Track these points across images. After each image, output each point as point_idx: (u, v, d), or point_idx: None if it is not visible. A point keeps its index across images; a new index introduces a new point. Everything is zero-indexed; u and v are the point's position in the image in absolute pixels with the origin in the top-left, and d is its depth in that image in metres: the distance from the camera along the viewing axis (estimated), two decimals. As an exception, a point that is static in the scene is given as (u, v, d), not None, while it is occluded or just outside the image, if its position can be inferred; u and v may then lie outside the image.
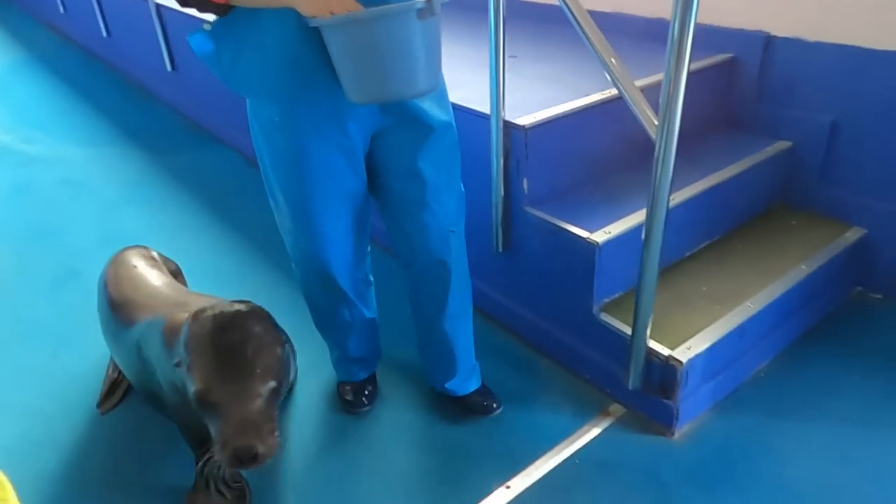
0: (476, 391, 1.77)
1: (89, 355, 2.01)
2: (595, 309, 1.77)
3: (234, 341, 1.23)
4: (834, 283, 2.06)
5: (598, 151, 1.99)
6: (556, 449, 1.64)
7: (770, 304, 1.80)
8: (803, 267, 1.92)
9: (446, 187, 1.50)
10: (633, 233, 1.75)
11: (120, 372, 1.85)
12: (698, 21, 2.43)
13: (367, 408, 1.80)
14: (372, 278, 1.73)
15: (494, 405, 1.75)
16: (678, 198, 1.91)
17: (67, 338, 2.10)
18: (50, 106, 4.24)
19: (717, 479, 1.55)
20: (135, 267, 1.79)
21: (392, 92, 1.22)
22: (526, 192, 1.84)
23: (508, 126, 1.79)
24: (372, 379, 1.87)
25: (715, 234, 2.08)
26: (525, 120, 1.78)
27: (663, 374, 1.64)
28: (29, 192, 3.09)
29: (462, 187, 1.56)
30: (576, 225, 1.75)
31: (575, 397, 1.81)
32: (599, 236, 1.70)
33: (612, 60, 1.45)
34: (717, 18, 2.26)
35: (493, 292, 2.07)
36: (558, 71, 2.21)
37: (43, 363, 2.00)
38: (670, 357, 1.61)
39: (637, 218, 1.77)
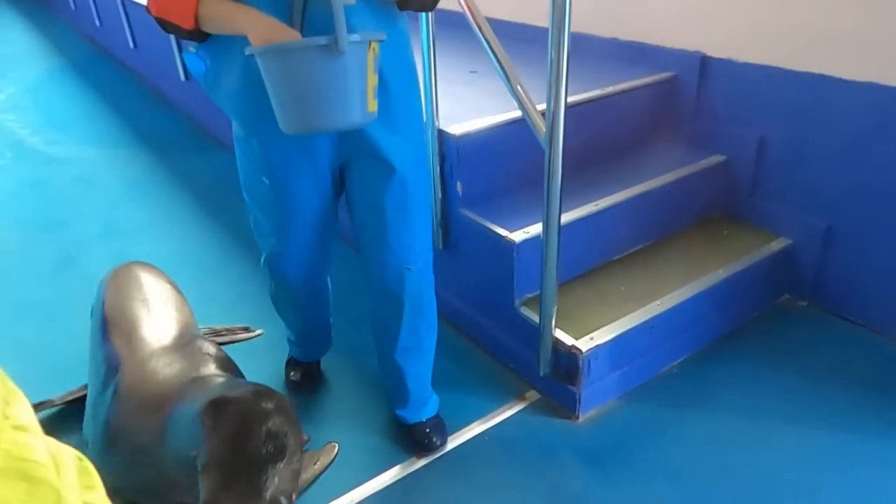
0: (424, 422, 1.77)
1: (77, 334, 2.25)
2: (516, 303, 1.93)
3: (254, 456, 1.11)
4: (758, 289, 2.19)
5: (530, 160, 2.15)
6: (469, 427, 1.81)
7: (681, 304, 1.94)
8: (720, 272, 2.05)
9: (406, 225, 1.52)
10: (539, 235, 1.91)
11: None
12: (644, 41, 2.63)
13: (309, 389, 1.97)
14: (330, 284, 1.82)
15: (437, 441, 1.73)
16: (608, 202, 2.07)
17: (60, 317, 2.35)
18: (76, 110, 4.59)
19: (609, 457, 1.70)
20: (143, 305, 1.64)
21: (307, 124, 1.21)
22: (460, 194, 2.02)
23: (443, 134, 1.98)
24: (317, 364, 2.03)
25: (646, 240, 2.23)
26: (457, 129, 1.96)
27: (568, 363, 1.80)
28: (44, 187, 3.39)
29: (428, 225, 1.60)
30: (499, 225, 1.92)
31: (497, 383, 1.97)
32: (518, 236, 1.87)
33: (511, 75, 1.61)
34: (660, 39, 2.42)
35: (437, 287, 2.25)
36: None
37: (35, 339, 2.25)
38: (573, 347, 1.77)
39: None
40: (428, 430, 1.76)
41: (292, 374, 2.00)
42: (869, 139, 1.95)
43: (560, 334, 1.80)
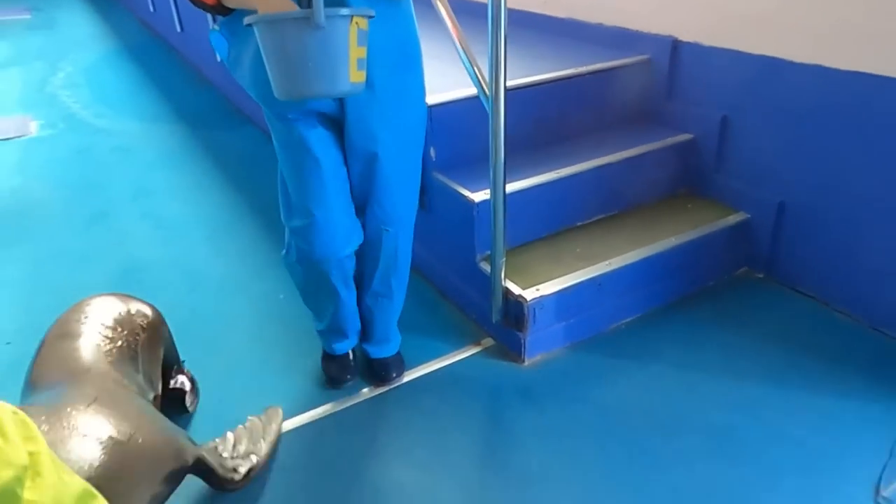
0: (385, 358, 1.96)
1: (100, 272, 2.57)
2: (477, 258, 2.13)
3: None
4: (714, 259, 2.32)
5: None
6: (426, 364, 2.02)
7: (629, 266, 2.10)
8: (672, 240, 2.20)
9: (387, 192, 1.68)
10: (511, 195, 2.10)
11: None
12: (626, 26, 2.81)
13: (350, 381, 1.95)
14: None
15: (394, 375, 1.93)
16: (570, 171, 2.24)
17: (89, 260, 2.67)
18: (124, 88, 4.98)
19: (545, 394, 1.89)
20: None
21: (296, 90, 1.33)
22: (433, 159, 2.23)
23: (419, 104, 2.18)
24: (350, 360, 1.99)
25: (610, 210, 2.39)
26: (431, 99, 2.17)
27: (516, 311, 1.99)
28: (87, 155, 3.75)
29: (413, 193, 1.76)
30: (464, 187, 2.12)
31: (458, 330, 2.18)
32: (478, 196, 2.06)
33: (465, 48, 1.81)
34: (636, 23, 2.57)
35: (414, 243, 2.47)
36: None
37: (65, 279, 2.57)
38: (520, 296, 1.96)
39: (516, 185, 2.13)
40: (388, 365, 1.97)
41: (328, 368, 1.98)
42: (817, 119, 2.07)
43: (510, 285, 2.00)
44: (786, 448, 1.67)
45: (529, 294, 1.96)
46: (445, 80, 2.34)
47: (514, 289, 1.99)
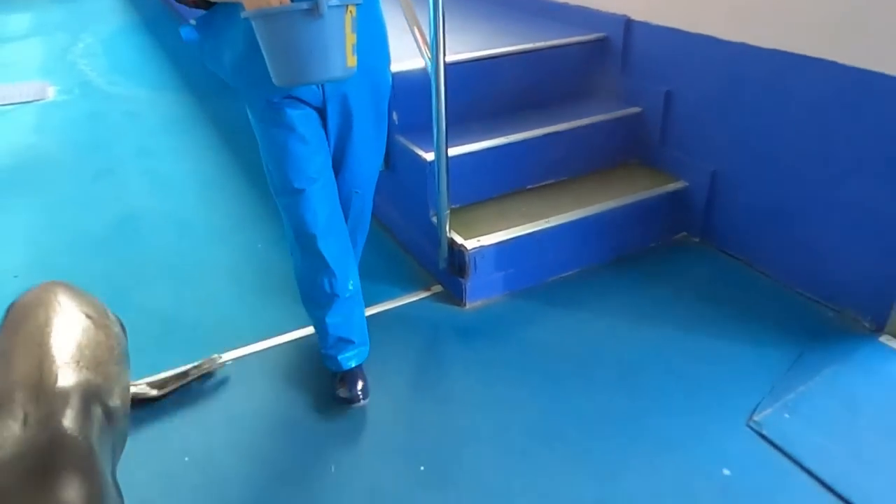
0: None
1: (101, 219, 2.84)
2: (430, 213, 2.35)
3: None
4: (653, 223, 2.52)
5: (465, 98, 2.55)
6: (378, 305, 2.26)
7: (568, 224, 2.31)
8: (611, 203, 2.40)
9: (356, 158, 1.80)
10: (461, 157, 2.32)
11: None
12: (582, 4, 3.00)
13: (365, 401, 1.85)
14: (352, 250, 1.90)
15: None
16: (521, 136, 2.45)
17: (92, 209, 2.95)
18: (138, 58, 5.26)
19: (478, 334, 2.12)
20: None
21: (296, 78, 1.40)
22: (396, 123, 2.45)
23: (383, 72, 2.40)
24: (360, 371, 1.90)
25: (560, 175, 2.59)
26: (395, 67, 2.37)
27: (459, 259, 2.21)
28: (98, 118, 4.03)
29: (379, 157, 1.90)
30: (419, 148, 2.34)
31: (412, 278, 2.41)
32: (430, 156, 2.28)
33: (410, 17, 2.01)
34: (596, 3, 2.76)
35: (380, 201, 2.70)
36: (470, 36, 2.79)
37: (69, 224, 2.84)
38: (462, 245, 2.18)
39: (469, 147, 2.34)
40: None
41: (340, 391, 1.88)
42: (743, 94, 2.25)
43: (455, 236, 2.22)
44: (679, 383, 1.88)
45: (471, 244, 2.18)
46: (410, 49, 2.55)
47: (458, 239, 2.21)
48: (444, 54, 1.94)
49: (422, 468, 1.65)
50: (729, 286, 2.30)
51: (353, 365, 1.89)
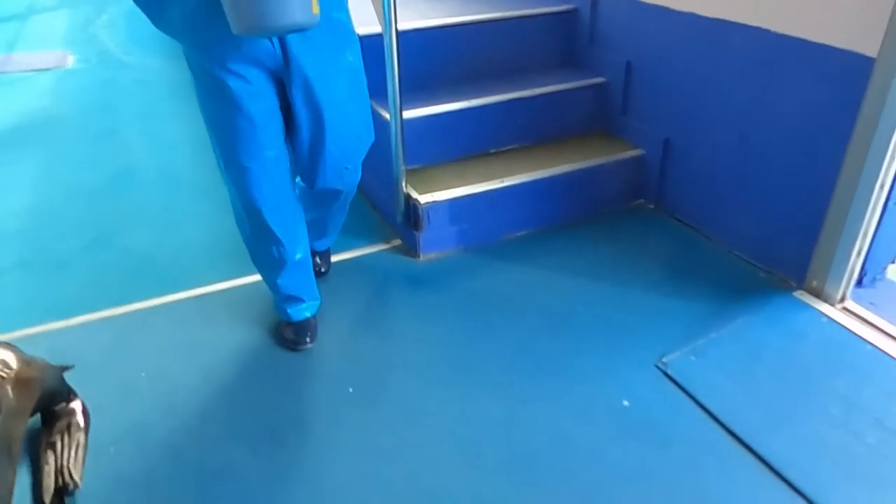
0: (320, 252, 2.24)
1: (98, 173, 3.06)
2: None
3: None
4: (610, 189, 2.63)
5: (435, 64, 2.68)
6: (340, 255, 2.42)
7: (521, 185, 2.44)
8: (565, 167, 2.52)
9: (341, 129, 1.70)
10: (423, 118, 2.46)
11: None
12: None
13: (307, 347, 1.94)
14: (303, 217, 1.90)
15: (322, 269, 2.23)
16: (484, 101, 2.57)
17: (91, 164, 3.17)
18: (154, 29, 5.48)
19: (427, 282, 2.27)
20: None
21: (256, 22, 1.34)
22: (366, 86, 2.59)
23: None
24: (313, 322, 1.98)
25: (523, 141, 2.71)
26: (363, 30, 2.52)
27: (414, 213, 2.36)
28: (110, 85, 4.27)
29: (368, 128, 1.84)
30: (385, 109, 2.48)
31: (376, 232, 2.57)
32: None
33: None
34: (567, -23, 2.86)
35: (355, 164, 2.86)
36: (446, 4, 2.92)
37: (70, 176, 3.07)
38: (416, 199, 2.33)
39: (432, 110, 2.48)
40: (318, 260, 2.25)
41: (287, 333, 1.97)
42: (690, 63, 2.34)
43: (411, 191, 2.37)
44: (603, 329, 2.01)
45: (424, 199, 2.32)
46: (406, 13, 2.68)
47: (414, 194, 2.35)
48: (396, 19, 2.07)
49: (350, 390, 1.82)
50: (673, 249, 2.41)
51: (305, 317, 1.97)
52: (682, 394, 1.74)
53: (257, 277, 2.29)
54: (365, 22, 2.57)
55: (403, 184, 2.35)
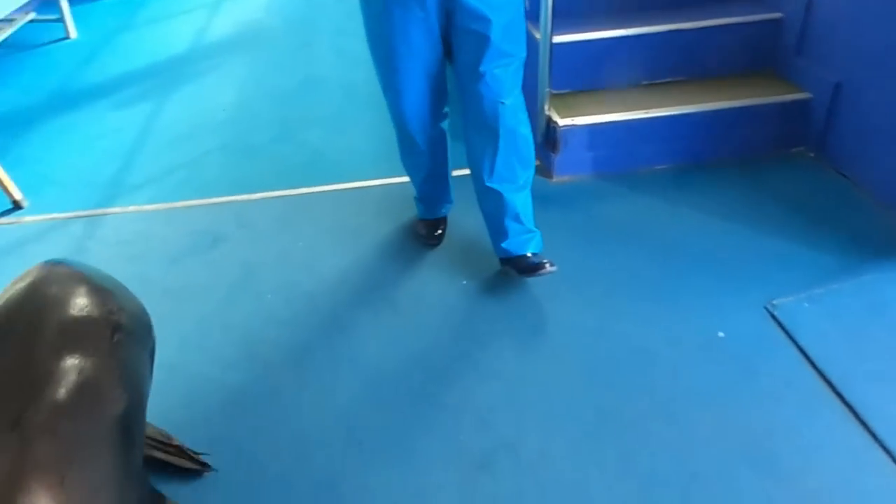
0: (528, 255, 1.92)
1: (291, 79, 3.49)
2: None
3: None
4: (765, 132, 2.51)
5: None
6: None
7: (666, 118, 2.43)
8: (719, 104, 2.44)
9: (498, 62, 1.74)
10: (577, 43, 2.50)
11: None
12: None
13: (435, 243, 2.19)
14: (447, 138, 2.03)
15: (547, 264, 1.86)
16: (643, 30, 2.55)
17: (287, 71, 3.62)
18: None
19: (553, 201, 2.38)
20: None
21: None
22: (527, 8, 2.67)
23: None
24: (443, 220, 2.23)
25: (681, 75, 2.65)
26: (531, -44, 2.59)
27: (552, 135, 2.45)
28: (314, 2, 4.73)
29: (521, 65, 1.84)
30: (536, 29, 2.56)
31: (517, 152, 2.70)
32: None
33: None
34: None
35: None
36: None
37: (268, 79, 3.54)
38: (555, 122, 2.42)
39: (583, 35, 2.51)
40: (534, 259, 1.91)
41: (420, 229, 2.24)
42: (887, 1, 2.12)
43: (552, 114, 2.46)
44: (716, 266, 2.01)
45: (563, 122, 2.41)
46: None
47: (554, 117, 2.45)
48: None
49: (464, 282, 2.03)
50: (820, 200, 2.28)
51: (436, 216, 2.21)
52: (784, 335, 1.72)
53: (405, 178, 2.58)
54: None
55: (546, 106, 2.45)
